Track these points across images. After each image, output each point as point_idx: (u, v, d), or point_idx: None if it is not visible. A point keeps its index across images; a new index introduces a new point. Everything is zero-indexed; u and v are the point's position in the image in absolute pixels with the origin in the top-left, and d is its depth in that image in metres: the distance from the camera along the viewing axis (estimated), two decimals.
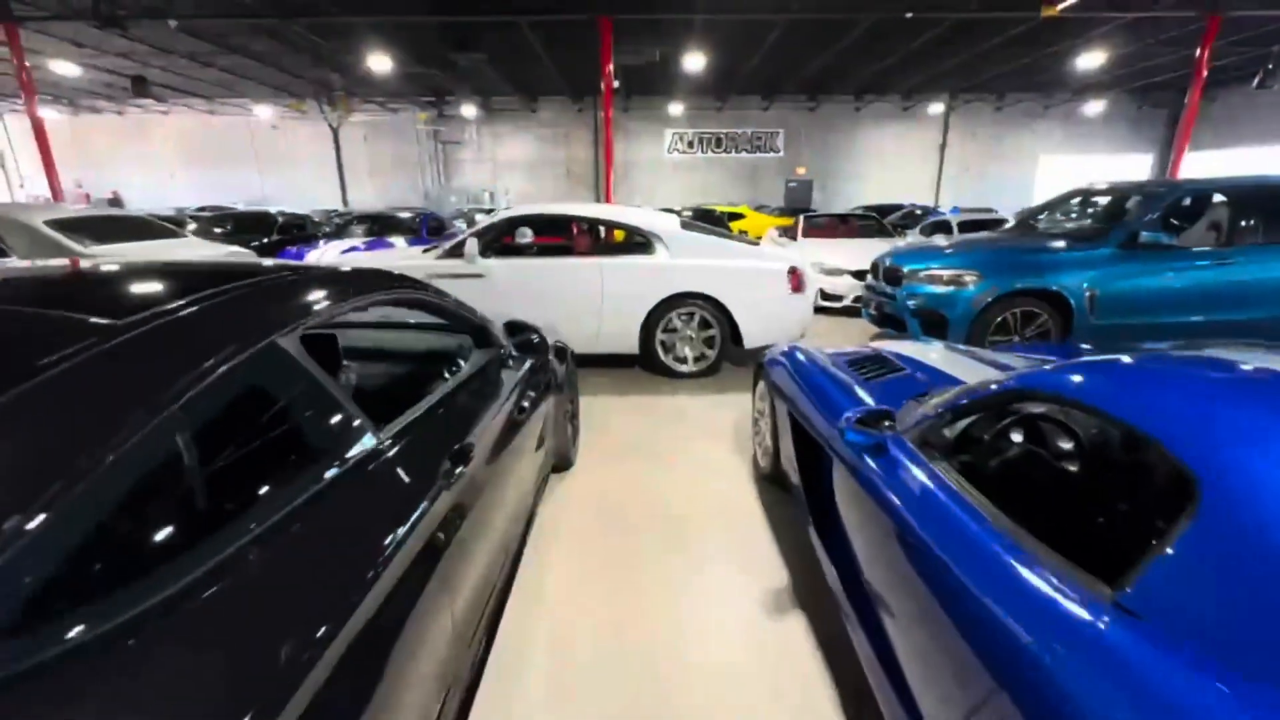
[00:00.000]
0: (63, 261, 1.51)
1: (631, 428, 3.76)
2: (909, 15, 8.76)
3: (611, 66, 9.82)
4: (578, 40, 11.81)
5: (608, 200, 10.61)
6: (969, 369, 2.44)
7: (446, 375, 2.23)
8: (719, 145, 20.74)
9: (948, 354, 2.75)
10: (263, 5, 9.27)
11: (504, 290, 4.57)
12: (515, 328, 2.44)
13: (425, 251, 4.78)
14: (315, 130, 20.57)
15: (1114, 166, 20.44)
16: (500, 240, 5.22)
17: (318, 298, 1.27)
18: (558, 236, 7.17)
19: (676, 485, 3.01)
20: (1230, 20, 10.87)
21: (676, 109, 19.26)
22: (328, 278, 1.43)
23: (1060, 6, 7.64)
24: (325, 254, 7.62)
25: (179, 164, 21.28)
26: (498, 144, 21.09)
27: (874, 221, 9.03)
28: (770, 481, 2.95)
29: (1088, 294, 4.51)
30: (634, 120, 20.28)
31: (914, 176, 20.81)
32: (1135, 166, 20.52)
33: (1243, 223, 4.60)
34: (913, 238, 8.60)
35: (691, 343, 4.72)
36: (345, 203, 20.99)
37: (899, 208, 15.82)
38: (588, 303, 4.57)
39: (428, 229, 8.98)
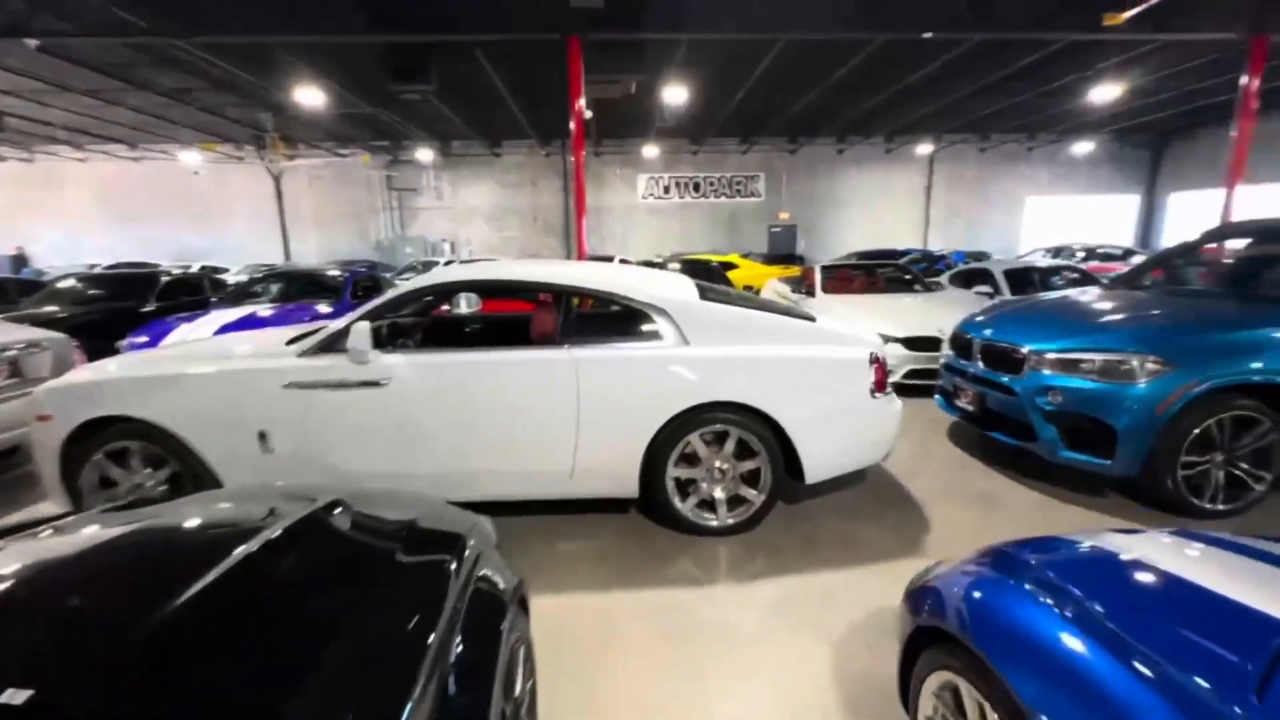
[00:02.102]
0: None
1: (634, 693, 1.90)
2: (928, 36, 7.54)
3: (583, 100, 8.39)
4: (543, 76, 10.44)
5: (579, 254, 8.93)
6: None
7: None
8: (696, 190, 19.62)
9: None
10: (150, 23, 7.56)
11: (414, 408, 2.75)
12: None
13: (291, 343, 2.94)
14: (254, 177, 18.75)
15: (1101, 208, 19.95)
16: (415, 321, 3.44)
17: None
18: (511, 302, 5.41)
19: None
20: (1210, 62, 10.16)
21: (650, 152, 18.13)
22: None
23: (1125, 15, 6.50)
24: (198, 330, 5.72)
25: (97, 216, 19.10)
26: (458, 191, 19.58)
27: (901, 271, 7.55)
28: None
29: None
30: (605, 165, 19.09)
31: (900, 221, 19.96)
32: (1123, 207, 20.07)
33: None
34: (950, 292, 7.11)
35: (723, 480, 2.94)
36: (287, 255, 19.05)
37: (895, 253, 14.67)
38: (554, 422, 2.78)
39: (353, 291, 7.09)
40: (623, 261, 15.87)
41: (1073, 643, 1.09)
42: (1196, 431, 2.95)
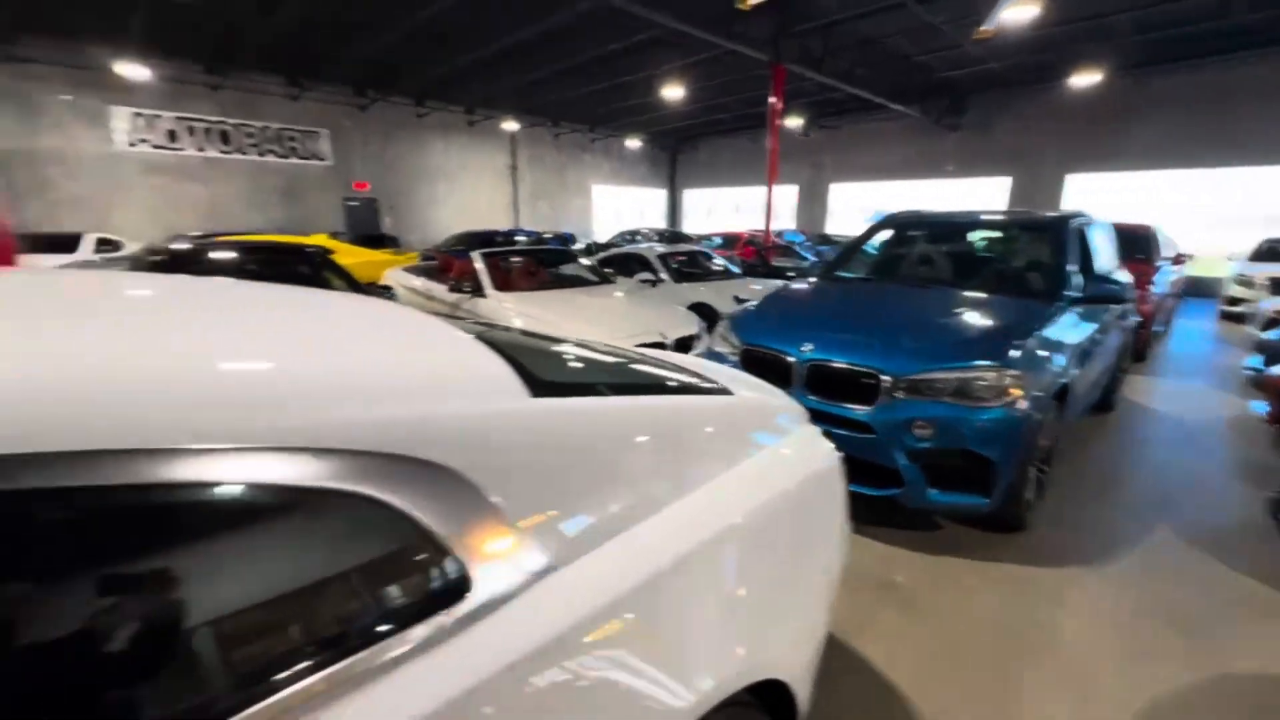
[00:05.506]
0: None
1: None
2: None
3: None
4: None
5: None
6: None
7: None
8: (226, 141, 14.11)
9: None
10: None
11: None
12: None
13: None
14: None
15: (645, 199, 23.79)
16: None
17: None
18: None
19: None
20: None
21: (134, 73, 11.78)
22: None
23: (751, 2, 6.70)
24: None
25: None
26: None
27: (565, 258, 6.39)
28: None
29: None
30: (39, 81, 11.62)
31: (491, 200, 19.16)
32: (656, 199, 24.36)
33: None
34: (627, 283, 6.35)
35: None
36: None
37: (496, 235, 13.66)
38: None
39: None
40: (104, 245, 10.33)
41: None
42: (1037, 443, 2.68)
